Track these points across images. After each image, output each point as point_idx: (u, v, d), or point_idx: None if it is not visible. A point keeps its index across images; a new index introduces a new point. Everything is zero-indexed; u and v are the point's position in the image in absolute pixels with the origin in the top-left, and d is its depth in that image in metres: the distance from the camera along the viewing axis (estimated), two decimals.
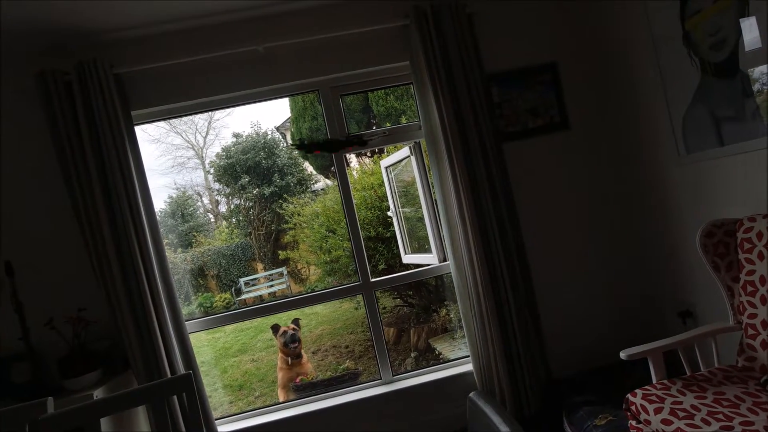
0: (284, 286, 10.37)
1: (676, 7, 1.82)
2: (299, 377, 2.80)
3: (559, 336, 2.46)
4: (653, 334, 2.14)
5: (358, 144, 2.47)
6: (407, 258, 3.06)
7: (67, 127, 2.11)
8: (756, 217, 1.63)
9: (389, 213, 3.17)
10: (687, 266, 2.17)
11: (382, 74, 2.50)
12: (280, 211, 8.48)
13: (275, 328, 2.96)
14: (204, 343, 7.59)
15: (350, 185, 2.50)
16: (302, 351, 2.91)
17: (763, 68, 1.57)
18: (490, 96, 2.44)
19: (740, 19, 1.59)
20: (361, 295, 2.51)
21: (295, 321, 3.05)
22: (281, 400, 2.86)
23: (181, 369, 2.18)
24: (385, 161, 3.04)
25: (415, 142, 2.63)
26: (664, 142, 2.11)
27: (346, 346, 5.65)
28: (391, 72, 2.51)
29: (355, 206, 2.48)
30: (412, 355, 4.54)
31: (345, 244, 4.44)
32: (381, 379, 2.52)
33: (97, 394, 1.96)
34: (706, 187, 1.95)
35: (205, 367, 6.31)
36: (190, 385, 1.26)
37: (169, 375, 2.12)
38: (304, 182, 11.01)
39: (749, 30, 1.57)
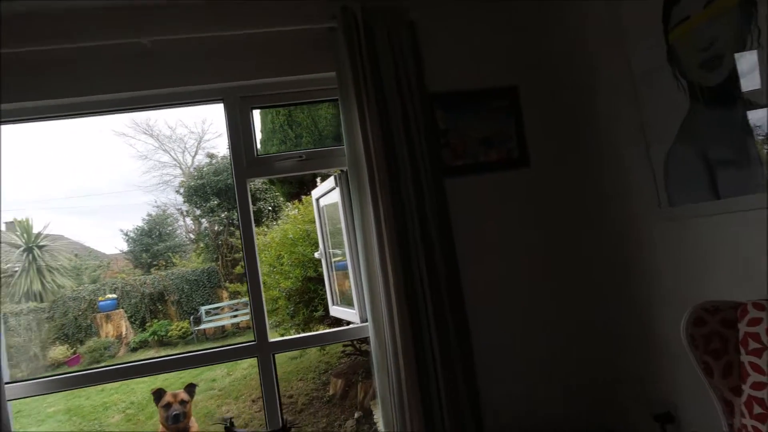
0: (248, 317, 9.68)
1: (658, 13, 1.39)
2: None
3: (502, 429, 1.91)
4: None
5: None
6: (334, 310, 2.53)
7: None
8: (765, 303, 1.14)
9: (316, 254, 2.66)
10: (668, 354, 1.66)
11: (305, 85, 2.05)
12: (231, 239, 7.91)
13: (157, 395, 2.28)
14: (141, 382, 6.82)
15: (252, 219, 2.00)
16: (191, 421, 2.31)
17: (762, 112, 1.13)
18: (433, 120, 1.99)
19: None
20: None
21: (189, 388, 2.37)
22: None
23: None
24: (316, 191, 2.55)
25: (342, 171, 2.15)
26: (640, 190, 1.65)
27: (290, 396, 5.00)
28: (316, 83, 2.05)
29: (256, 243, 1.97)
30: (356, 415, 3.93)
31: (283, 283, 3.90)
32: None
33: None
34: (695, 252, 1.47)
35: (132, 409, 5.59)
36: None
37: None
38: (278, 209, 10.50)
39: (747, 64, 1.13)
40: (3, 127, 1.98)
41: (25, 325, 9.56)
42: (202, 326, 9.82)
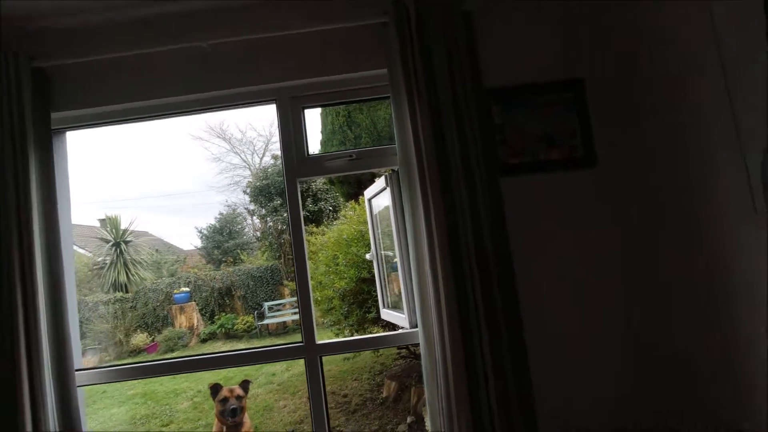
0: None
1: None
2: None
3: None
4: None
5: None
6: (385, 313, 2.48)
7: None
8: None
9: (368, 256, 2.62)
10: (753, 376, 1.43)
11: (357, 83, 2.02)
12: (288, 237, 8.10)
13: (214, 390, 2.39)
14: (209, 372, 7.23)
15: (301, 218, 1.99)
16: (245, 417, 2.37)
17: None
18: (488, 117, 1.87)
19: None
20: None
21: (244, 384, 2.46)
22: None
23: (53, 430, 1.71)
24: (369, 191, 2.52)
25: (393, 170, 2.09)
26: (731, 194, 1.43)
27: (344, 395, 5.03)
28: (369, 81, 2.01)
29: (305, 243, 1.97)
30: (408, 420, 3.86)
31: (338, 284, 3.91)
32: None
33: None
34: None
35: (199, 398, 5.91)
36: None
37: None
38: (338, 209, 10.70)
39: None
40: (90, 131, 2.17)
41: (112, 313, 10.48)
42: (266, 321, 10.23)
